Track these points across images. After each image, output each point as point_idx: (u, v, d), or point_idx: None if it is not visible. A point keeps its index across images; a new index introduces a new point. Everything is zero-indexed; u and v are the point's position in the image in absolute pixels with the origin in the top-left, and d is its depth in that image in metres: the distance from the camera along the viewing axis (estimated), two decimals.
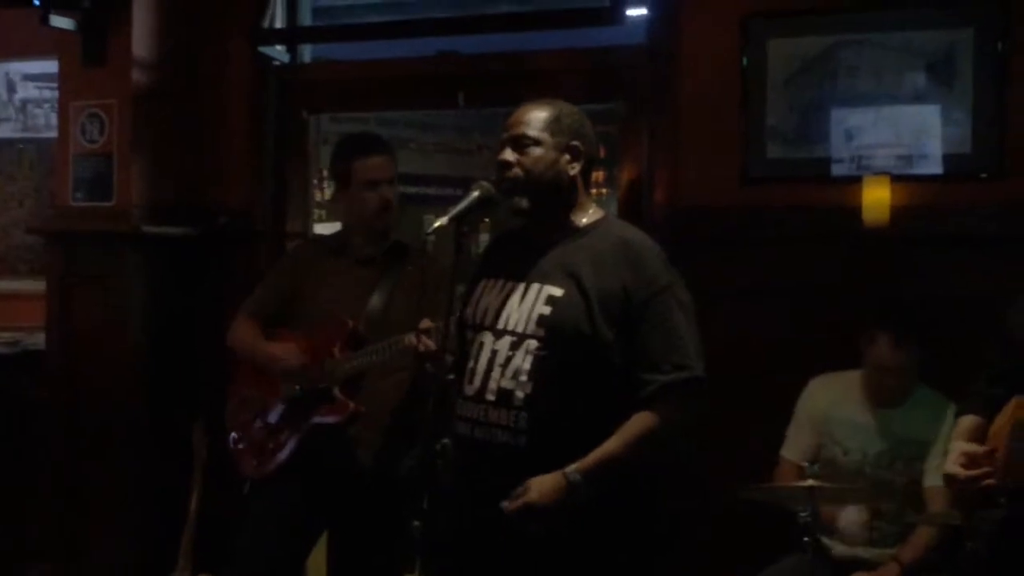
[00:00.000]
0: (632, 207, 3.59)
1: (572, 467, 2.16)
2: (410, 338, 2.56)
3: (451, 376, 2.32)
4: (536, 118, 2.32)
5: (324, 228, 4.46)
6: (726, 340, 3.08)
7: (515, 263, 2.35)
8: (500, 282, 2.35)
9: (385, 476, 2.91)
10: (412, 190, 5.34)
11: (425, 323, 2.43)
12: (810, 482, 2.73)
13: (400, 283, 3.04)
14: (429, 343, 2.39)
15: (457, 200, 2.30)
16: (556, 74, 3.67)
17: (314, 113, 4.08)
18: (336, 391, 2.94)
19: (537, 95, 2.41)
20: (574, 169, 2.32)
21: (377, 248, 3.10)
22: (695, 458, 2.80)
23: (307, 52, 4.18)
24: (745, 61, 3.41)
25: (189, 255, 3.96)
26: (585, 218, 2.35)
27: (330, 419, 2.94)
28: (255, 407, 3.09)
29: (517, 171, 2.30)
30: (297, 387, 2.99)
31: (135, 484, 3.83)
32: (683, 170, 3.49)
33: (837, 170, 3.33)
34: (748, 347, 3.31)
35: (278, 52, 4.06)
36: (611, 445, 2.18)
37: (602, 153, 3.16)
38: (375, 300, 3.03)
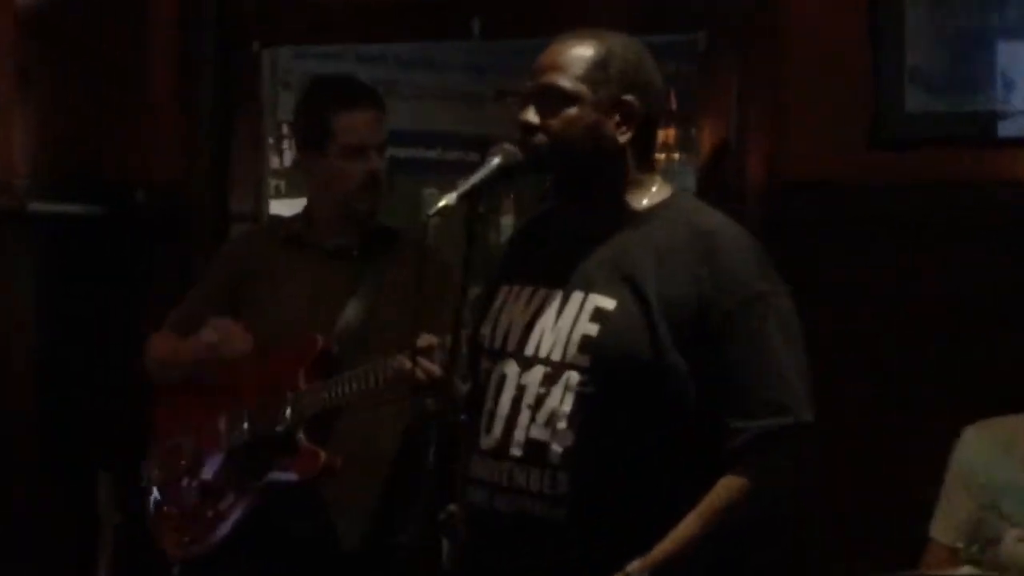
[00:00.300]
0: (715, 180, 3.62)
1: (635, 564, 2.16)
2: (402, 361, 2.58)
3: (462, 416, 2.32)
4: (573, 61, 2.30)
5: (283, 207, 4.48)
6: (846, 369, 3.08)
7: (549, 262, 2.35)
8: (528, 290, 2.35)
9: (371, 558, 2.94)
10: (405, 153, 5.33)
11: (424, 340, 2.44)
12: (967, 570, 2.73)
13: (388, 285, 3.07)
14: (430, 367, 2.39)
15: (470, 170, 2.30)
16: None
17: (269, 45, 4.11)
18: (301, 436, 2.96)
19: (579, 23, 2.41)
20: (626, 135, 2.31)
21: (356, 236, 3.13)
22: (801, 534, 2.80)
23: None
24: None
25: (95, 243, 4.00)
26: (646, 198, 2.34)
27: (293, 475, 2.97)
28: (186, 458, 3.11)
29: (542, 138, 2.30)
30: (245, 427, 3.02)
31: (19, 552, 3.83)
32: (787, 128, 3.51)
33: (1005, 129, 3.35)
34: (876, 378, 3.34)
35: None
36: (687, 527, 2.18)
37: (672, 104, 3.16)
38: (353, 308, 3.06)
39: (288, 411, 2.97)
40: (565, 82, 2.28)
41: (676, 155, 4.64)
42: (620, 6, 3.64)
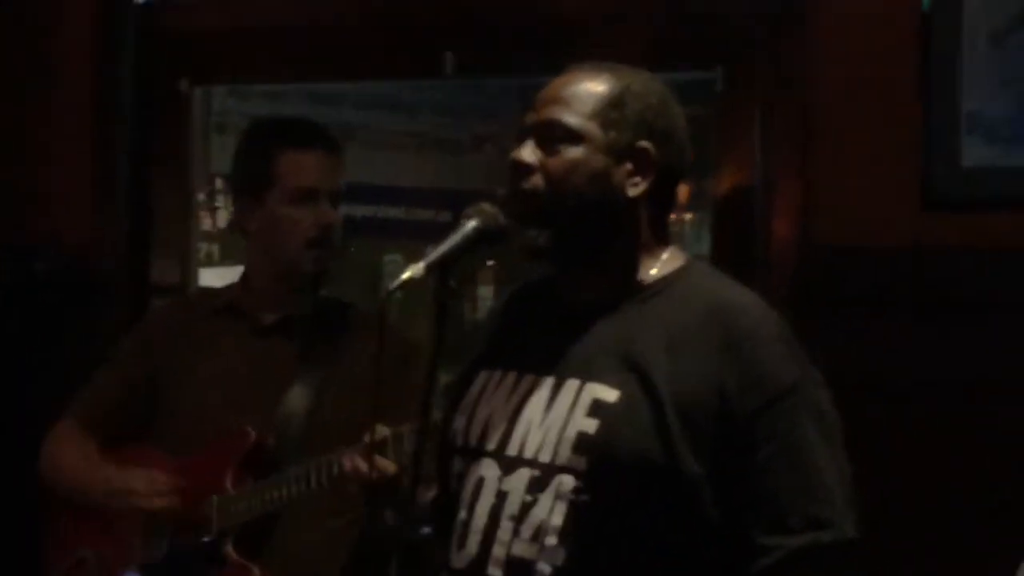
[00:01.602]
0: (735, 244, 3.64)
1: None
2: (352, 458, 2.56)
3: (426, 529, 2.33)
4: (582, 96, 2.32)
5: (216, 276, 4.48)
6: (897, 473, 3.07)
7: (537, 343, 2.36)
8: (512, 375, 2.35)
9: None
10: (364, 211, 5.36)
11: (379, 433, 2.44)
12: None
13: (338, 367, 3.09)
14: (386, 465, 2.39)
15: (442, 233, 2.30)
16: (610, 22, 3.71)
17: (200, 83, 4.14)
18: (229, 547, 2.98)
19: (576, 58, 2.42)
20: (638, 187, 2.32)
21: (302, 307, 3.14)
22: None
23: None
24: (928, 2, 3.43)
25: None
26: (655, 267, 2.36)
27: None
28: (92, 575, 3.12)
29: (538, 181, 2.31)
30: (163, 538, 3.02)
31: None
32: (821, 183, 3.51)
33: None
34: (933, 483, 3.31)
35: None
36: None
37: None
38: (295, 394, 3.08)
39: (214, 518, 2.97)
40: (571, 118, 2.30)
41: (688, 214, 4.64)
42: (623, 38, 3.66)
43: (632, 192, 2.31)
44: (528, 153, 2.31)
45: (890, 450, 3.20)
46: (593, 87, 2.32)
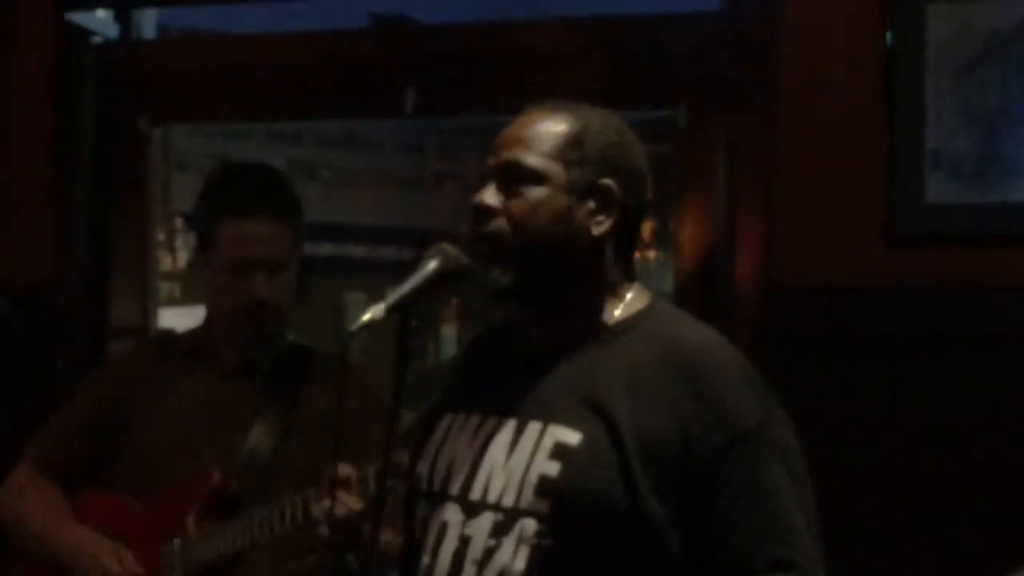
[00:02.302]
0: (698, 283, 3.64)
1: None
2: (316, 500, 2.55)
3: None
4: (542, 136, 2.33)
5: (176, 317, 4.47)
6: (861, 512, 3.05)
7: (500, 386, 2.36)
8: (476, 418, 2.34)
9: None
10: (325, 250, 5.34)
11: (343, 471, 2.42)
12: None
13: (301, 410, 3.09)
14: (350, 503, 2.37)
15: (403, 271, 2.30)
16: (568, 59, 3.73)
17: (161, 123, 4.15)
18: None
19: (538, 95, 2.42)
20: (601, 225, 2.33)
21: (261, 352, 3.14)
22: None
23: (149, 21, 4.27)
24: (891, 39, 3.45)
25: None
26: (619, 308, 2.36)
27: None
28: None
29: (502, 224, 2.31)
30: None
31: None
32: (785, 221, 3.52)
33: None
34: (891, 524, 3.32)
35: (100, 20, 4.12)
36: None
37: (648, 193, 3.16)
38: (258, 437, 3.07)
39: (174, 561, 2.96)
40: (531, 159, 2.30)
41: (652, 252, 4.65)
42: (585, 75, 3.68)
43: (596, 231, 2.31)
44: (490, 196, 2.31)
45: (852, 488, 3.20)
46: (552, 127, 2.32)
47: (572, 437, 2.22)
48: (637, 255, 2.46)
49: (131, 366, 3.27)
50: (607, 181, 2.31)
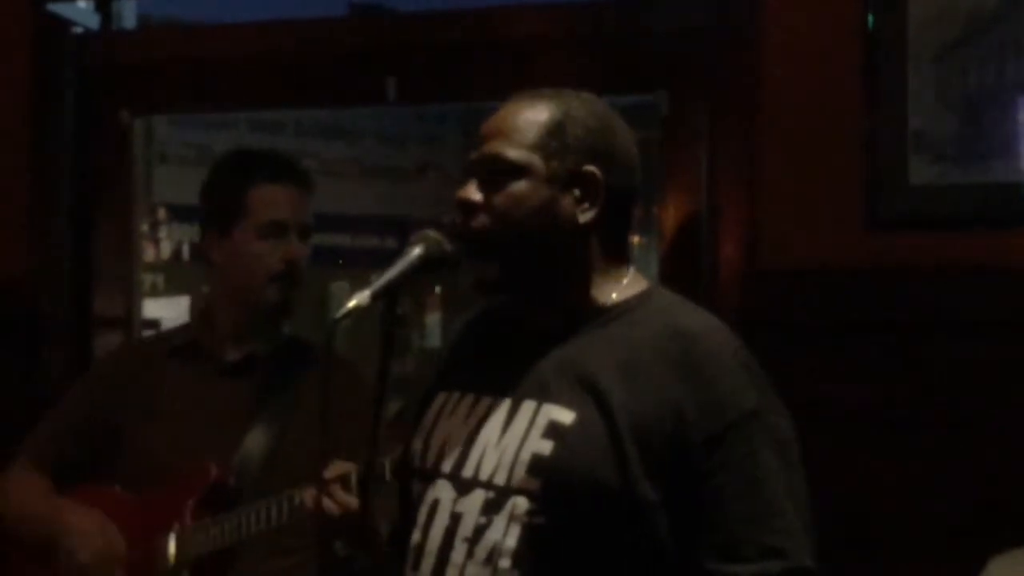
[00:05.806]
0: (682, 268, 3.65)
1: None
2: (310, 494, 2.58)
3: (383, 560, 2.33)
4: (522, 127, 2.31)
5: (161, 307, 4.47)
6: (846, 498, 3.11)
7: (495, 366, 2.36)
8: (470, 398, 2.35)
9: None
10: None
11: (335, 469, 2.42)
12: None
13: (299, 407, 3.09)
14: (343, 500, 2.38)
15: (388, 259, 2.31)
16: (550, 47, 3.74)
17: (141, 113, 4.15)
18: None
19: (520, 83, 2.42)
20: (587, 213, 2.32)
21: (264, 345, 3.15)
22: None
23: (130, 11, 4.25)
24: (872, 22, 3.47)
25: None
26: (615, 291, 2.35)
27: None
28: None
29: (484, 219, 2.31)
30: (117, 572, 3.02)
31: None
32: (767, 205, 3.53)
33: None
34: (885, 506, 3.35)
35: (80, 11, 4.12)
36: None
37: None
38: (257, 433, 3.09)
39: (171, 550, 2.97)
40: (512, 151, 2.29)
41: (636, 238, 4.67)
42: (566, 61, 3.68)
43: (583, 219, 2.31)
44: (472, 191, 2.31)
45: (838, 474, 3.20)
46: (533, 116, 2.31)
47: (566, 416, 2.23)
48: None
49: (122, 367, 3.27)
50: (590, 168, 2.30)
